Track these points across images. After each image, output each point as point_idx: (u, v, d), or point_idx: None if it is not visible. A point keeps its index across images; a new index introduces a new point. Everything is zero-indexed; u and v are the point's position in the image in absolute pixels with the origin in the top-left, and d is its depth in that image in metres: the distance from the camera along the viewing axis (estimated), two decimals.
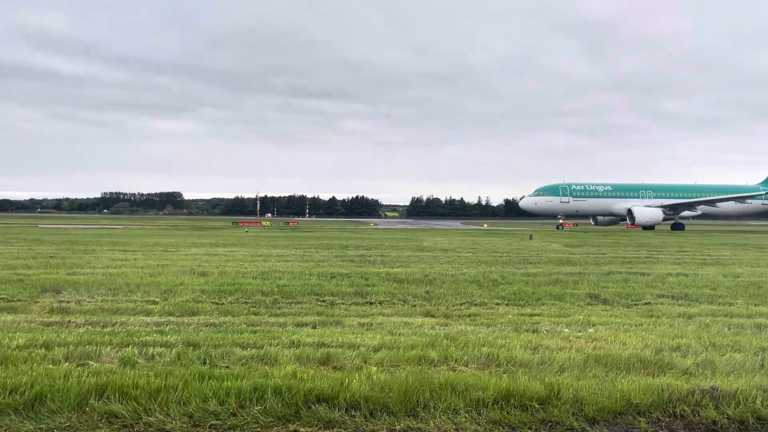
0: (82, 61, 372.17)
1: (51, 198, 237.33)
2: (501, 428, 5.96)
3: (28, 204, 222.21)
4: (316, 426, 5.86)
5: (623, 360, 7.87)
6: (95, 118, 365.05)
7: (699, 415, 6.27)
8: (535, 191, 76.11)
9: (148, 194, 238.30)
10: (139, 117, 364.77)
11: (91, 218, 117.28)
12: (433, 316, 11.50)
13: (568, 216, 75.91)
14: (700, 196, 75.65)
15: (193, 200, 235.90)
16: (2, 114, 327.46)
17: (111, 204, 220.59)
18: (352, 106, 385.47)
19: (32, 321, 10.32)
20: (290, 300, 12.94)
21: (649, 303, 13.28)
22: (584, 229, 78.77)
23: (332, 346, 8.46)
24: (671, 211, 72.52)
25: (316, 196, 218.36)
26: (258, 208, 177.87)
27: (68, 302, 12.21)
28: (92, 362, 7.50)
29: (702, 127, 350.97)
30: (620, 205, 73.83)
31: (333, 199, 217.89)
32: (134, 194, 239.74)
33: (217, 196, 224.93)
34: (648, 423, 6.13)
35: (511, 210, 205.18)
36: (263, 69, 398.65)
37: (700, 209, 76.04)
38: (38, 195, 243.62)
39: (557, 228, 69.82)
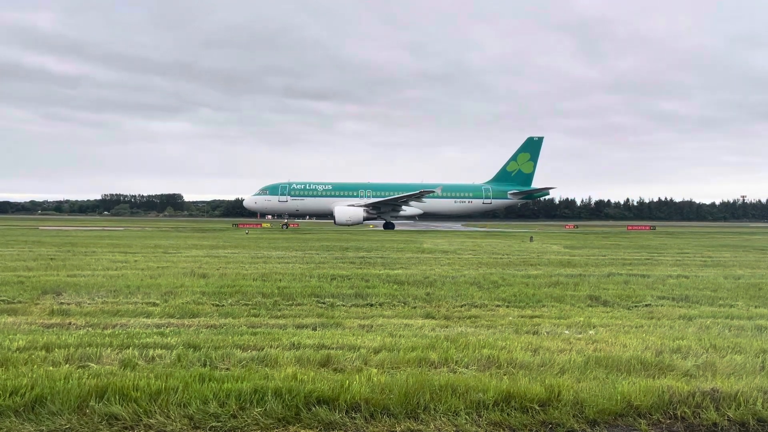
0: (74, 61, 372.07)
1: (51, 200, 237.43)
2: (501, 430, 5.96)
3: (28, 206, 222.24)
4: (317, 428, 5.86)
5: (624, 362, 7.87)
6: (91, 119, 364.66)
7: (700, 417, 6.26)
8: (259, 190, 74.36)
9: (149, 196, 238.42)
10: (135, 118, 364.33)
11: (91, 220, 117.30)
12: (433, 317, 11.50)
13: (291, 215, 74.86)
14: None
15: (193, 202, 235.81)
16: None
17: (111, 206, 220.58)
18: (348, 107, 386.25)
19: (32, 323, 10.32)
20: (290, 302, 12.94)
21: (650, 305, 13.27)
22: (584, 230, 78.71)
23: (332, 348, 8.46)
24: (374, 210, 71.05)
25: None
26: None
27: (69, 304, 12.22)
28: (93, 364, 7.50)
29: (701, 127, 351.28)
30: (335, 204, 72.03)
31: None
32: (134, 196, 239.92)
33: (217, 198, 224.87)
34: (648, 425, 6.13)
35: (511, 212, 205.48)
36: (258, 69, 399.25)
37: (422, 208, 74.74)
38: (39, 197, 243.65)
39: (282, 228, 67.98)
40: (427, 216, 78.72)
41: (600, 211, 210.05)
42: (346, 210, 68.83)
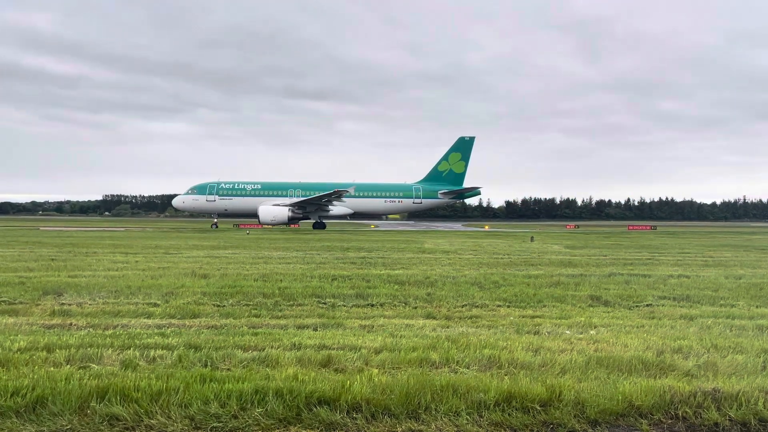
0: (72, 62, 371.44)
1: (52, 200, 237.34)
2: (502, 430, 5.96)
3: (29, 206, 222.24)
4: (318, 428, 5.86)
5: (625, 362, 7.86)
6: (89, 120, 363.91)
7: (701, 417, 6.26)
8: (188, 189, 73.51)
9: (150, 197, 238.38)
10: (134, 118, 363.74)
11: (92, 221, 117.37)
12: (434, 317, 11.50)
13: (220, 215, 73.80)
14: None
15: None
16: None
17: (112, 206, 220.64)
18: (347, 107, 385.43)
19: (33, 324, 10.33)
20: (291, 302, 12.94)
21: (651, 305, 13.27)
22: (585, 230, 78.72)
23: (333, 348, 8.46)
24: (300, 210, 70.26)
25: None
26: None
27: (70, 305, 12.22)
28: (94, 365, 7.50)
29: (701, 127, 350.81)
30: (262, 203, 70.91)
31: None
32: (135, 196, 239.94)
33: None
34: (650, 425, 6.12)
35: (512, 212, 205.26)
36: (257, 69, 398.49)
37: (352, 207, 74.39)
38: (39, 197, 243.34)
39: (212, 227, 67.51)
40: (357, 215, 78.94)
41: (601, 211, 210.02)
42: (271, 209, 68.05)
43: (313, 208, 69.98)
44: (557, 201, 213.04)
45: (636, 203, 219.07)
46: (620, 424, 6.12)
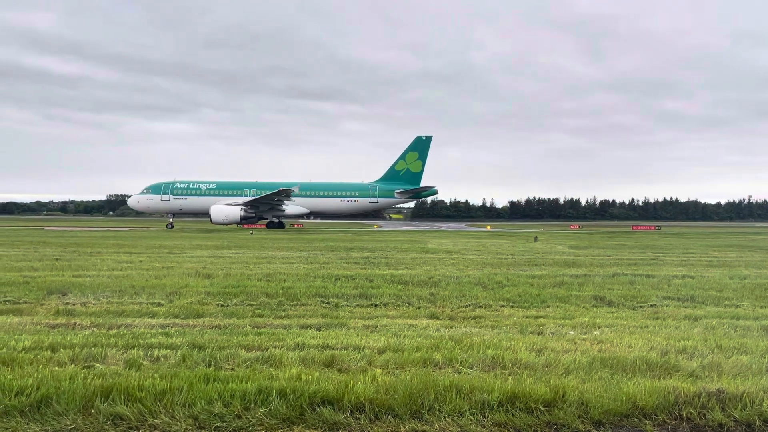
0: (74, 62, 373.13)
1: (57, 200, 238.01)
2: (506, 431, 5.94)
3: (33, 206, 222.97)
4: (321, 428, 5.86)
5: (629, 362, 7.84)
6: (92, 120, 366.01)
7: (705, 418, 6.24)
8: (143, 189, 73.54)
9: None
10: (136, 118, 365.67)
11: (96, 220, 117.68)
12: (437, 318, 11.49)
13: (175, 215, 73.69)
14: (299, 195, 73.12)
15: None
16: (0, 116, 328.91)
17: (117, 206, 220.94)
18: (350, 107, 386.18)
19: (38, 323, 10.36)
20: (295, 302, 12.95)
21: (655, 305, 13.23)
22: (589, 230, 78.59)
23: (337, 348, 8.46)
24: (253, 209, 69.80)
25: None
26: None
27: (74, 304, 12.26)
28: (98, 364, 7.52)
29: (705, 127, 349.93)
30: (215, 203, 70.82)
31: None
32: None
33: None
34: (654, 426, 6.11)
35: (516, 212, 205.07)
36: (259, 69, 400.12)
37: (307, 206, 74.53)
38: (44, 197, 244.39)
39: (167, 227, 66.97)
40: (315, 215, 79.22)
41: (605, 211, 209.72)
42: (223, 209, 67.99)
43: (266, 207, 70.04)
44: (561, 201, 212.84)
45: (640, 203, 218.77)
46: (624, 425, 6.11)
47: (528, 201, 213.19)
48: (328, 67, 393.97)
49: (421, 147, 77.40)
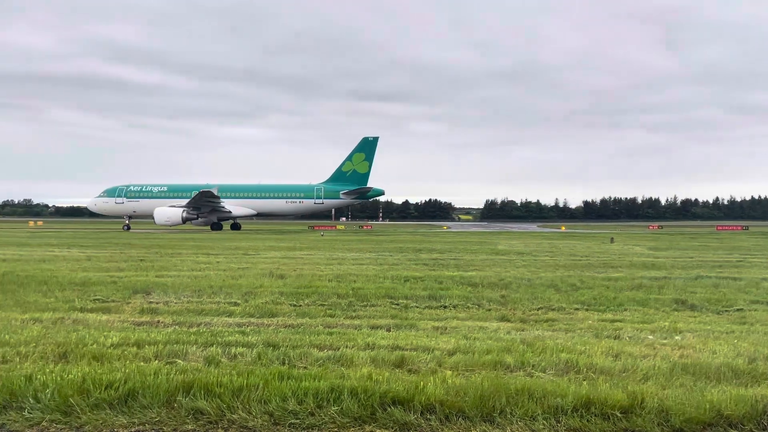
0: (154, 72, 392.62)
1: None
2: None
3: None
4: (392, 428, 5.91)
5: (713, 369, 7.47)
6: (169, 126, 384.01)
7: None
8: (100, 192, 74.84)
9: None
10: (210, 124, 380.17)
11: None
12: (508, 320, 11.33)
13: (130, 217, 73.61)
14: (245, 196, 73.66)
15: None
16: (85, 124, 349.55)
17: None
18: (418, 108, 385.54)
19: (125, 321, 10.95)
20: (365, 303, 13.09)
21: (742, 309, 12.53)
22: (669, 231, 75.24)
23: (407, 349, 8.49)
24: (195, 210, 69.23)
25: (389, 200, 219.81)
26: (333, 212, 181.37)
27: (157, 303, 12.88)
28: (179, 360, 7.87)
29: None
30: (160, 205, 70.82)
31: (406, 202, 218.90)
32: None
33: None
34: None
35: (590, 212, 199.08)
36: (326, 73, 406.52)
37: (253, 208, 74.03)
38: None
39: (123, 228, 68.32)
40: (261, 216, 79.18)
41: (687, 210, 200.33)
42: (165, 211, 69.41)
43: (207, 209, 71.28)
44: (639, 200, 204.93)
45: (725, 202, 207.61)
46: None
47: (603, 201, 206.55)
48: (393, 69, 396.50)
49: (368, 148, 77.29)
